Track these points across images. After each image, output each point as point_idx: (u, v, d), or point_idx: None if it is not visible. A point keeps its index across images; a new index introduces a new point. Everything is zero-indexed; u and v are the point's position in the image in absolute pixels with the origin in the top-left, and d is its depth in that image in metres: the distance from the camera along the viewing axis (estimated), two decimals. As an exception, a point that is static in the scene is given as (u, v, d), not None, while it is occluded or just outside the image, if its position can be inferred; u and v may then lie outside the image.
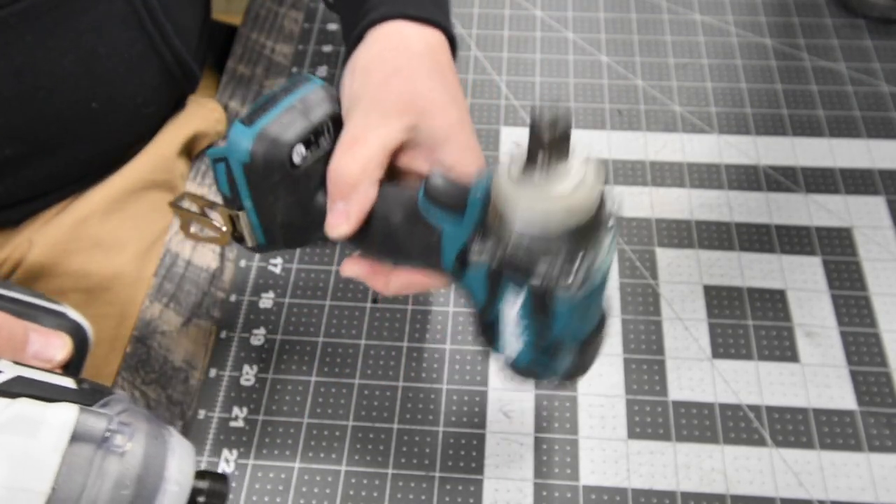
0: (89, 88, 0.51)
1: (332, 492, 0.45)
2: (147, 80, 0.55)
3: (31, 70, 0.48)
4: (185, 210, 0.44)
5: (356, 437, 0.47)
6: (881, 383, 0.48)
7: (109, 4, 0.50)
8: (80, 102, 0.51)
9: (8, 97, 0.48)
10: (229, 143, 0.37)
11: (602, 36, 0.67)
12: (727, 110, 0.61)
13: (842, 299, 0.51)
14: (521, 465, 0.46)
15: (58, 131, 0.51)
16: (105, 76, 0.52)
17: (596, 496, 0.44)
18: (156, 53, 0.55)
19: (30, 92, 0.49)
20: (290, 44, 0.68)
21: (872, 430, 0.46)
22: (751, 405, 0.47)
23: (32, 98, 0.49)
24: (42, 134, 0.51)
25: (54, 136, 0.52)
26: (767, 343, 0.49)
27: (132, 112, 0.55)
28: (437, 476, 0.45)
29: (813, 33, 0.66)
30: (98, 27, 0.50)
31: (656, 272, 0.53)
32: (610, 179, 0.58)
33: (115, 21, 0.51)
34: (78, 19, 0.49)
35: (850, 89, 0.62)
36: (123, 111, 0.55)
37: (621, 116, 0.61)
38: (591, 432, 0.46)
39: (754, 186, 0.57)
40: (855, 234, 0.54)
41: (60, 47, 0.49)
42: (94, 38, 0.50)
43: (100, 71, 0.51)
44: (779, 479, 0.45)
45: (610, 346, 0.49)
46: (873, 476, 0.44)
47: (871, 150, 0.59)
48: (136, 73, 0.54)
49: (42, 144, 0.51)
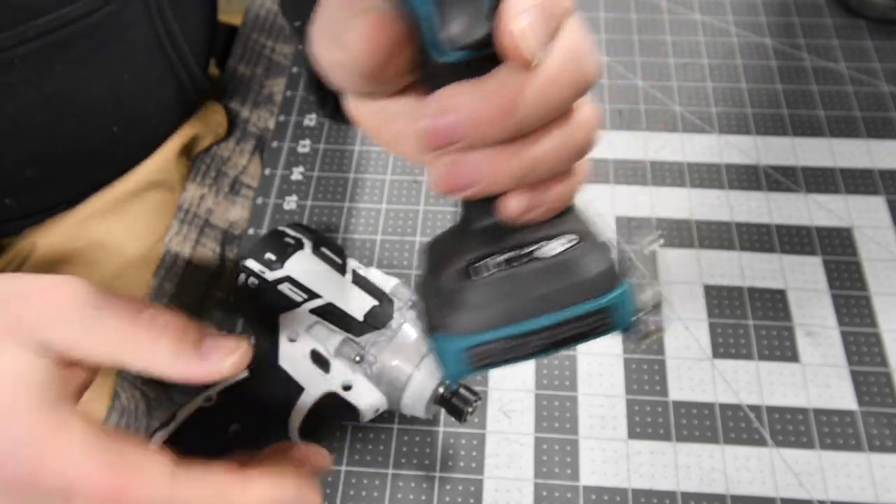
0: (113, 114, 0.52)
1: (332, 492, 0.45)
2: (164, 100, 0.56)
3: (60, 99, 0.48)
4: None
5: (356, 437, 0.47)
6: (881, 383, 0.48)
7: (136, 33, 0.51)
8: (104, 128, 0.52)
9: (36, 124, 0.48)
10: None
11: (602, 36, 0.67)
12: (727, 110, 0.61)
13: (842, 299, 0.51)
14: (521, 465, 0.45)
15: (79, 154, 0.52)
16: (127, 101, 0.53)
17: (596, 496, 0.44)
18: (173, 76, 0.56)
19: (56, 119, 0.49)
20: (290, 44, 0.68)
21: (873, 430, 0.46)
22: (751, 405, 0.47)
23: (59, 125, 0.49)
24: (64, 157, 0.51)
25: (75, 158, 0.52)
26: (768, 343, 0.49)
27: (149, 132, 0.57)
28: (437, 476, 0.45)
29: (813, 33, 0.66)
30: (125, 55, 0.51)
31: (656, 272, 0.53)
32: (610, 179, 0.57)
33: (139, 48, 0.52)
34: (107, 49, 0.49)
35: (851, 89, 0.62)
36: (141, 132, 0.56)
37: (621, 116, 0.61)
38: (591, 432, 0.46)
39: (754, 186, 0.57)
40: (855, 234, 0.54)
41: (89, 77, 0.49)
42: (121, 66, 0.51)
43: (123, 96, 0.52)
44: (779, 479, 0.45)
45: (610, 346, 0.49)
46: (873, 476, 0.44)
47: (871, 150, 0.59)
48: (154, 95, 0.55)
49: (62, 166, 0.52)
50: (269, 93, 0.65)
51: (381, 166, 0.59)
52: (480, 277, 0.24)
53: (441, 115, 0.23)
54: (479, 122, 0.23)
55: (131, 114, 0.54)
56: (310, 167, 0.59)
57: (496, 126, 0.23)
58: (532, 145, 0.24)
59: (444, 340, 0.24)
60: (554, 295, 0.24)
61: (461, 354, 0.24)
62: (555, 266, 0.24)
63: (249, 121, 0.63)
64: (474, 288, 0.24)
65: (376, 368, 0.40)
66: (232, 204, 0.58)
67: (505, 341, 0.24)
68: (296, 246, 0.45)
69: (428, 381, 0.40)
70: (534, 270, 0.24)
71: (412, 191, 0.57)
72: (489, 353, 0.24)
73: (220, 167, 0.60)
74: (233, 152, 0.61)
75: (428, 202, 0.57)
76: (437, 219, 0.56)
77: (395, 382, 0.40)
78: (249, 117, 0.63)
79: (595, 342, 0.25)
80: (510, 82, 0.23)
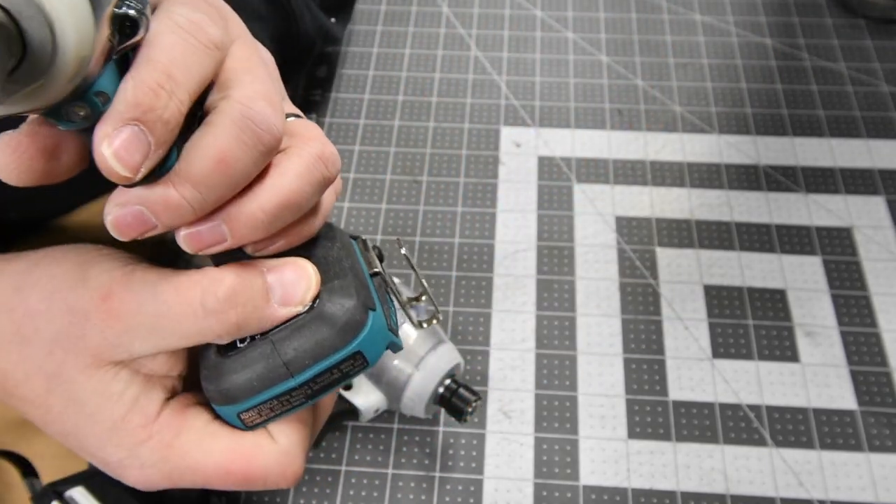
0: None
1: (331, 492, 0.45)
2: None
3: None
4: None
5: (356, 437, 0.47)
6: (881, 383, 0.48)
7: None
8: None
9: None
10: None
11: (602, 36, 0.67)
12: (727, 110, 0.61)
13: (842, 299, 0.51)
14: (521, 465, 0.45)
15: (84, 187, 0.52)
16: None
17: (596, 496, 0.44)
18: None
19: None
20: (290, 44, 0.68)
21: (872, 430, 0.46)
22: (751, 405, 0.47)
23: None
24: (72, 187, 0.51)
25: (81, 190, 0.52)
26: (767, 343, 0.49)
27: None
28: (437, 476, 0.45)
29: (813, 33, 0.66)
30: None
31: (656, 272, 0.53)
32: (610, 179, 0.58)
33: None
34: None
35: (850, 89, 0.62)
36: None
37: (621, 116, 0.61)
38: (591, 432, 0.46)
39: (754, 186, 0.57)
40: (855, 234, 0.54)
41: None
42: None
43: None
44: (779, 478, 0.45)
45: (610, 346, 0.49)
46: (873, 476, 0.44)
47: (871, 150, 0.59)
48: None
49: (66, 180, 0.52)
50: (269, 93, 0.65)
51: (381, 166, 0.59)
52: (237, 349, 0.26)
53: (123, 207, 0.22)
54: (162, 212, 0.22)
55: None
56: (310, 167, 0.59)
57: (182, 214, 0.23)
58: (247, 205, 0.23)
59: (219, 409, 0.26)
60: (302, 356, 0.25)
61: (235, 419, 0.26)
62: (297, 327, 0.25)
63: (249, 121, 0.63)
64: (228, 362, 0.25)
65: (376, 368, 0.40)
66: (232, 204, 0.58)
67: (268, 403, 0.26)
68: None
69: (428, 381, 0.40)
70: (280, 337, 0.25)
71: (412, 191, 0.57)
72: (259, 413, 0.26)
73: (220, 167, 0.60)
74: (233, 152, 0.61)
75: (428, 202, 0.57)
76: (437, 218, 0.56)
77: (395, 382, 0.40)
78: (249, 117, 0.63)
79: (595, 342, 0.25)
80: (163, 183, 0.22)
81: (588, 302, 0.51)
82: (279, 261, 0.25)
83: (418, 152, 0.60)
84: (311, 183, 0.25)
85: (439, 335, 0.42)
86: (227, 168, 0.22)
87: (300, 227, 0.26)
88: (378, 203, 0.57)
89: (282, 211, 0.24)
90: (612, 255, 0.54)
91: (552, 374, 0.49)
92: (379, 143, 0.60)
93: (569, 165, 0.59)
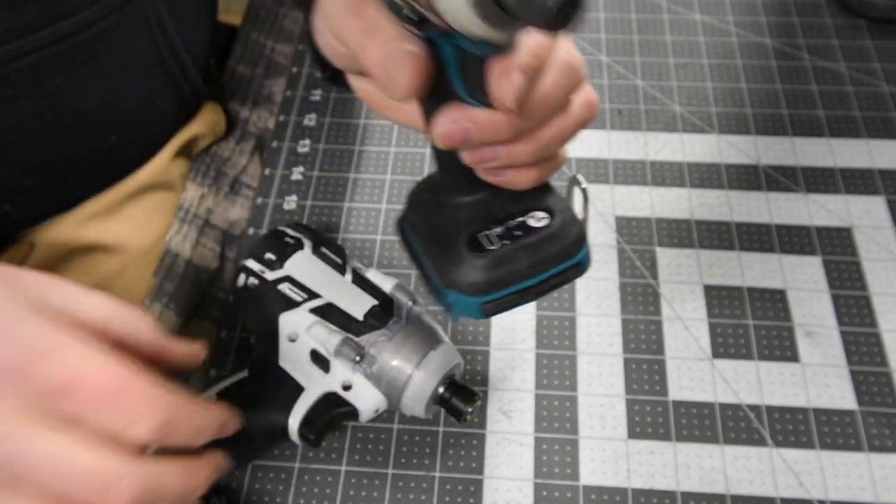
0: (110, 123, 0.52)
1: (332, 492, 0.45)
2: (164, 109, 0.56)
3: (58, 110, 0.48)
4: None
5: (356, 437, 0.47)
6: (881, 383, 0.48)
7: (135, 45, 0.51)
8: (101, 136, 0.52)
9: (33, 134, 0.48)
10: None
11: (602, 36, 0.67)
12: (727, 110, 0.62)
13: (842, 299, 0.51)
14: (521, 465, 0.46)
15: (76, 162, 0.52)
16: (126, 111, 0.52)
17: (596, 496, 0.44)
18: (173, 85, 0.55)
19: (54, 129, 0.49)
20: (290, 44, 0.68)
21: (872, 430, 0.46)
22: (751, 405, 0.47)
23: (56, 135, 0.49)
24: (61, 165, 0.51)
25: (72, 166, 0.52)
26: (767, 343, 0.49)
27: (147, 140, 0.56)
28: (437, 476, 0.45)
29: (813, 33, 0.66)
30: (123, 67, 0.51)
31: (656, 272, 0.53)
32: (610, 179, 0.58)
33: (138, 60, 0.51)
34: (106, 61, 0.49)
35: (850, 89, 0.62)
36: (139, 140, 0.56)
37: (621, 116, 0.61)
38: (591, 432, 0.46)
39: (754, 186, 0.57)
40: (855, 234, 0.54)
41: (87, 88, 0.49)
42: (120, 77, 0.51)
43: (122, 107, 0.52)
44: (779, 479, 0.45)
45: (610, 346, 0.49)
46: (873, 476, 0.44)
47: (871, 150, 0.59)
48: (153, 104, 0.55)
49: (60, 174, 0.52)
50: (268, 93, 0.65)
51: (382, 166, 0.59)
52: (488, 251, 0.32)
53: (455, 123, 0.30)
54: (485, 131, 0.30)
55: (129, 123, 0.53)
56: (310, 167, 0.59)
57: (502, 132, 0.30)
58: (539, 132, 0.32)
59: (461, 297, 0.33)
60: (541, 261, 0.33)
61: (476, 308, 0.33)
62: (540, 239, 0.33)
63: (249, 121, 0.63)
64: (483, 260, 0.32)
65: (376, 368, 0.40)
66: (232, 204, 0.58)
67: (508, 297, 0.33)
68: (295, 246, 0.45)
69: (428, 381, 0.40)
70: (525, 244, 0.33)
71: (412, 191, 0.57)
72: (496, 305, 0.33)
73: (220, 167, 0.60)
74: (233, 152, 0.61)
75: (428, 202, 0.57)
76: (437, 219, 0.56)
77: (395, 382, 0.40)
78: (249, 117, 0.63)
79: (595, 342, 0.25)
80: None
81: (588, 302, 0.51)
82: None
83: (419, 152, 0.60)
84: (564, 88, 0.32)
85: (439, 335, 0.42)
86: (548, 101, 0.31)
87: (557, 160, 0.34)
88: (378, 203, 0.57)
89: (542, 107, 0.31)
90: (612, 254, 0.54)
91: (552, 374, 0.49)
92: (379, 143, 0.60)
93: (569, 165, 0.59)
